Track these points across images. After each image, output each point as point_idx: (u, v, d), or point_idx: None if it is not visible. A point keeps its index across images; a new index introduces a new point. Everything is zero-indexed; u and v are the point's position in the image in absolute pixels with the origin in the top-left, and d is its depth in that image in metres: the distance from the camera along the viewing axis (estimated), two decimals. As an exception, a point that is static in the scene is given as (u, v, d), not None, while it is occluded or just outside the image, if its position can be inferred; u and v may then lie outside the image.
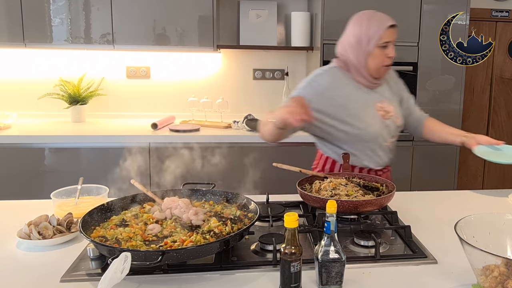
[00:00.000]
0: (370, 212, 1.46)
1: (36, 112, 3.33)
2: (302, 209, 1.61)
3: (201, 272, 1.16)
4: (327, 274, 1.07)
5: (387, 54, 1.73)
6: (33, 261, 1.24)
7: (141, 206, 1.41)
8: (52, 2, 2.94)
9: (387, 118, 1.80)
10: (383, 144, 1.81)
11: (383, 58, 1.74)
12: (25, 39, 2.96)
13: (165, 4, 3.03)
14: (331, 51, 3.01)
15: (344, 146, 1.78)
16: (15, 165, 2.84)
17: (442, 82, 3.14)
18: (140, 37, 3.05)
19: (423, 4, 3.02)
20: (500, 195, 1.81)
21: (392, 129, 1.83)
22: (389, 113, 1.80)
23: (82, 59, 3.34)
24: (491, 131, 3.95)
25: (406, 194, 1.83)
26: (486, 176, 4.02)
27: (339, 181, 1.59)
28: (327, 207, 1.06)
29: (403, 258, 1.25)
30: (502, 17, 3.72)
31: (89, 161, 2.87)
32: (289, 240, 1.04)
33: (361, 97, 1.77)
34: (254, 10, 3.32)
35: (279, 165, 1.70)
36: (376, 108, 1.78)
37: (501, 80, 3.88)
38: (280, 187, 1.80)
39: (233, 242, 1.21)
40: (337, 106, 1.72)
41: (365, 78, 1.77)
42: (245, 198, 1.43)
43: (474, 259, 1.02)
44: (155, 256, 1.06)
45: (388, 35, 1.73)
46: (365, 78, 1.77)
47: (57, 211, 1.49)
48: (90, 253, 1.20)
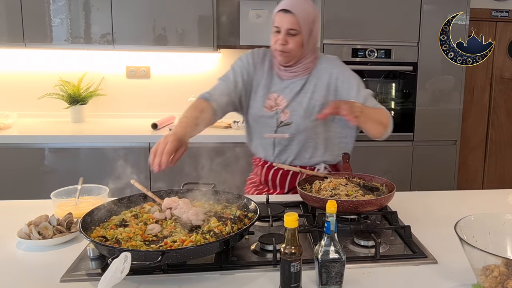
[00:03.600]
0: (370, 212, 1.46)
1: (36, 112, 3.33)
2: (302, 209, 1.61)
3: (201, 272, 1.16)
4: (327, 274, 1.07)
5: (278, 39, 1.66)
6: (33, 261, 1.24)
7: (141, 206, 1.41)
8: (52, 2, 2.94)
9: (271, 110, 1.76)
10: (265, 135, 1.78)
11: (274, 41, 1.68)
12: (25, 39, 2.96)
13: (165, 4, 3.03)
14: (331, 51, 3.02)
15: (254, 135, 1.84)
16: (15, 165, 2.84)
17: (442, 82, 3.14)
18: (140, 37, 3.05)
19: (423, 4, 3.02)
20: (500, 195, 1.81)
21: (274, 122, 1.76)
22: (276, 106, 1.75)
23: (82, 59, 3.34)
24: (491, 131, 3.95)
25: (406, 194, 1.83)
26: (486, 176, 4.02)
27: (339, 181, 1.58)
28: (327, 207, 1.06)
29: (403, 258, 1.25)
30: (502, 17, 3.72)
31: (89, 161, 2.87)
32: (289, 240, 1.04)
33: (266, 81, 1.77)
34: (254, 10, 3.32)
35: (279, 165, 1.70)
36: (269, 97, 1.77)
37: (501, 80, 3.88)
38: (280, 187, 1.79)
39: (233, 242, 1.21)
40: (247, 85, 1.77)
41: (275, 61, 1.76)
42: (245, 198, 1.43)
43: (474, 259, 1.02)
44: (155, 256, 1.05)
45: (278, 20, 1.65)
46: (275, 59, 1.74)
47: (57, 211, 1.49)
48: (90, 253, 1.20)
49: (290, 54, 1.68)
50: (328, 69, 1.76)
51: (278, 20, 1.65)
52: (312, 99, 1.74)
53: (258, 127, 1.82)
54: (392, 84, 3.18)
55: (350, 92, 1.72)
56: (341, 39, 3.00)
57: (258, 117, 1.78)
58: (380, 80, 3.15)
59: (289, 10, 1.63)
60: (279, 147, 1.78)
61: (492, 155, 3.99)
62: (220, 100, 1.71)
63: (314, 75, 1.76)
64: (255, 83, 1.78)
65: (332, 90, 1.74)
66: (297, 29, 1.64)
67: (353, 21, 3.00)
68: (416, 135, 3.17)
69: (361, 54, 3.04)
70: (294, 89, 1.75)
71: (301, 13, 1.64)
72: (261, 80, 1.78)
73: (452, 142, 3.22)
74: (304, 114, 1.74)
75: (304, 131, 1.75)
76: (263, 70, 1.79)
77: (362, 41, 3.03)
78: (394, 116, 3.19)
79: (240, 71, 1.78)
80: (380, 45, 3.04)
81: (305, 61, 1.74)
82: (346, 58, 3.02)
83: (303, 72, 1.75)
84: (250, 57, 1.80)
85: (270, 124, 1.77)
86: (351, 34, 3.01)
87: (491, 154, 3.99)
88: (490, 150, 3.98)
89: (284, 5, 1.65)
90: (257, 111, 1.78)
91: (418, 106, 3.14)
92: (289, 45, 1.65)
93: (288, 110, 1.75)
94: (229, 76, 1.78)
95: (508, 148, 4.00)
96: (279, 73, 1.77)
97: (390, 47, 3.05)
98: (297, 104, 1.75)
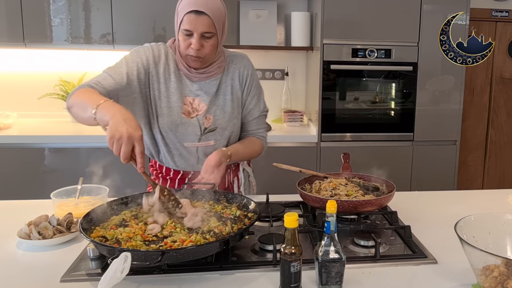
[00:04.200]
0: (370, 212, 1.46)
1: (36, 112, 3.33)
2: (302, 209, 1.61)
3: (201, 272, 1.16)
4: (327, 274, 1.07)
5: (190, 43, 1.49)
6: (33, 261, 1.24)
7: (141, 206, 1.41)
8: (52, 2, 2.94)
9: (190, 116, 1.60)
10: (185, 144, 1.63)
11: (186, 45, 1.50)
12: (25, 39, 2.96)
13: (165, 4, 3.03)
14: (331, 51, 3.02)
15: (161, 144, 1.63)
16: (15, 165, 2.84)
17: (442, 82, 3.14)
18: (140, 37, 3.05)
19: (423, 4, 3.02)
20: (500, 195, 1.81)
21: (197, 130, 1.62)
22: (196, 112, 1.60)
23: (82, 59, 3.34)
24: (491, 131, 3.95)
25: (406, 194, 1.83)
26: (486, 176, 4.02)
27: (339, 181, 1.59)
28: (327, 207, 1.06)
29: (403, 258, 1.25)
30: (502, 17, 3.72)
31: (89, 161, 2.86)
32: (289, 240, 1.04)
33: (176, 84, 1.59)
34: (254, 10, 3.32)
35: (279, 165, 1.70)
36: (184, 102, 1.60)
37: (501, 80, 3.88)
38: (280, 187, 1.80)
39: (233, 242, 1.21)
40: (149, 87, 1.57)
41: (181, 63, 1.58)
42: (245, 198, 1.43)
43: (474, 259, 1.02)
44: (155, 256, 1.05)
45: (189, 23, 1.46)
46: (181, 63, 1.58)
47: (57, 211, 1.49)
48: (90, 253, 1.20)
49: (204, 59, 1.53)
50: (240, 69, 1.68)
51: (189, 22, 1.46)
52: (232, 101, 1.65)
53: (174, 136, 1.61)
54: (392, 84, 3.18)
55: (249, 105, 1.71)
56: (341, 39, 3.00)
57: (176, 126, 1.59)
58: (380, 80, 3.15)
59: (202, 11, 1.45)
60: (202, 154, 1.64)
61: (492, 155, 3.99)
62: (110, 92, 1.45)
63: (227, 75, 1.65)
64: (161, 87, 1.57)
65: (242, 92, 1.68)
66: (213, 32, 1.49)
67: (353, 21, 3.00)
68: (416, 135, 3.17)
69: (361, 54, 3.04)
70: (210, 91, 1.62)
71: (215, 12, 1.48)
72: (169, 83, 1.58)
73: (452, 142, 3.22)
74: (229, 118, 1.65)
75: (229, 135, 1.67)
76: (168, 71, 1.58)
77: (362, 41, 3.03)
78: (394, 116, 3.19)
79: (136, 68, 1.54)
80: (380, 45, 3.04)
81: (218, 60, 1.62)
82: (346, 58, 3.03)
83: (216, 72, 1.62)
84: (150, 54, 1.57)
85: (191, 132, 1.61)
86: (351, 34, 3.01)
87: (491, 154, 3.99)
88: (490, 150, 3.98)
89: (194, 5, 1.45)
90: (174, 118, 1.58)
91: (418, 106, 3.14)
92: (205, 49, 1.50)
93: (211, 115, 1.62)
94: (121, 70, 1.52)
95: (508, 148, 4.00)
96: (188, 74, 1.60)
97: (390, 47, 3.05)
98: (219, 108, 1.63)
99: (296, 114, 3.33)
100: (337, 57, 3.02)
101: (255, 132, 1.76)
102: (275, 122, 3.46)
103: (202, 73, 1.60)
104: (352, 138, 3.14)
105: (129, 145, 1.20)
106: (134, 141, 1.20)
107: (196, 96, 1.61)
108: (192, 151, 1.64)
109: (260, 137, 1.76)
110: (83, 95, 1.37)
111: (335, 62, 3.02)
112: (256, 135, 1.76)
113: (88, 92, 1.38)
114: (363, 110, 3.18)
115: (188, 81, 1.60)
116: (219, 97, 1.64)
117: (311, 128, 3.28)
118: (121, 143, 1.20)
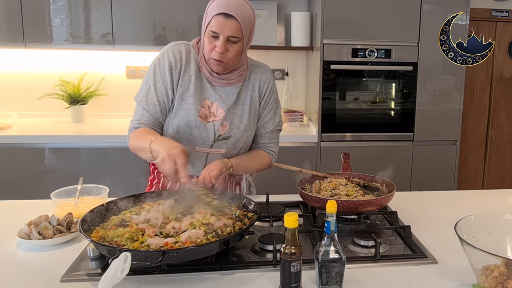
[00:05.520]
0: (370, 212, 1.46)
1: (36, 112, 3.33)
2: (302, 209, 1.61)
3: (201, 272, 1.16)
4: (327, 274, 1.07)
5: (214, 46, 1.47)
6: (33, 261, 1.24)
7: (141, 206, 1.41)
8: (52, 2, 2.94)
9: (207, 120, 1.57)
10: (196, 148, 1.60)
11: (211, 48, 1.48)
12: (25, 39, 2.96)
13: (165, 4, 3.03)
14: (331, 51, 3.02)
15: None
16: (15, 165, 2.84)
17: (442, 82, 3.14)
18: (140, 37, 3.05)
19: (423, 4, 3.02)
20: (500, 195, 1.81)
21: (211, 135, 1.58)
22: (213, 117, 1.57)
23: (82, 59, 3.34)
24: (491, 131, 3.95)
25: (406, 194, 1.83)
26: (486, 176, 4.02)
27: (339, 181, 1.59)
28: (327, 207, 1.06)
29: (403, 258, 1.25)
30: (502, 17, 3.72)
31: (89, 161, 2.87)
32: (289, 240, 1.04)
33: (196, 86, 1.56)
34: (254, 10, 3.31)
35: (279, 165, 1.70)
36: (202, 105, 1.57)
37: (501, 80, 3.88)
38: (280, 187, 1.80)
39: (233, 242, 1.21)
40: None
41: (204, 66, 1.56)
42: (245, 198, 1.43)
43: (474, 259, 1.02)
44: (155, 256, 1.06)
45: (216, 25, 1.44)
46: (204, 65, 1.56)
47: (57, 211, 1.49)
48: (90, 253, 1.20)
49: (227, 64, 1.51)
50: (261, 81, 1.65)
51: (216, 25, 1.44)
52: (249, 112, 1.63)
53: (186, 139, 1.57)
54: (392, 84, 3.18)
55: (265, 117, 1.68)
56: (341, 39, 3.00)
57: (190, 128, 1.56)
58: (380, 80, 3.15)
59: (231, 15, 1.44)
60: (211, 161, 1.60)
61: (492, 155, 3.99)
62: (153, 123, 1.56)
63: (248, 85, 1.63)
64: (181, 89, 1.56)
65: (259, 104, 1.66)
66: (239, 37, 1.47)
67: (353, 21, 3.00)
68: (416, 135, 3.17)
69: (361, 54, 3.04)
70: (230, 99, 1.59)
71: (244, 18, 1.47)
72: (189, 85, 1.56)
73: (452, 142, 3.22)
74: (244, 128, 1.62)
75: (241, 146, 1.65)
76: (189, 73, 1.56)
77: (362, 41, 3.03)
78: (394, 116, 3.19)
79: (164, 89, 1.55)
80: (380, 45, 3.04)
81: (240, 68, 1.60)
82: (346, 58, 3.03)
83: (237, 80, 1.60)
84: (171, 61, 1.55)
85: (205, 137, 1.58)
86: (351, 34, 3.01)
87: (491, 154, 3.99)
88: (490, 150, 3.98)
89: (224, 8, 1.44)
90: (188, 120, 1.55)
91: (418, 106, 3.14)
92: (228, 54, 1.48)
93: (227, 123, 1.59)
94: (152, 99, 1.55)
95: (508, 148, 4.00)
96: (210, 78, 1.57)
97: (390, 47, 3.05)
98: (236, 117, 1.61)
99: (296, 114, 3.33)
100: (337, 57, 3.02)
101: (266, 146, 1.72)
102: (275, 122, 3.45)
103: (224, 79, 1.57)
104: (352, 138, 3.14)
105: (171, 162, 1.29)
106: (175, 157, 1.30)
107: (215, 100, 1.58)
108: (202, 156, 1.62)
109: (270, 152, 1.72)
110: (137, 138, 1.50)
111: (335, 62, 3.02)
112: (267, 149, 1.72)
113: (140, 134, 1.51)
114: (363, 110, 3.18)
115: (208, 85, 1.58)
116: (237, 106, 1.61)
117: (311, 128, 3.28)
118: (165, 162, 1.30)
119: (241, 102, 1.62)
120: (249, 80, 1.64)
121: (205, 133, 1.58)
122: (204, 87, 1.58)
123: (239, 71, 1.59)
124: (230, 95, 1.60)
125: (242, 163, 1.63)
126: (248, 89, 1.63)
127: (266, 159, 1.70)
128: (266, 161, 1.71)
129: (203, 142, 1.59)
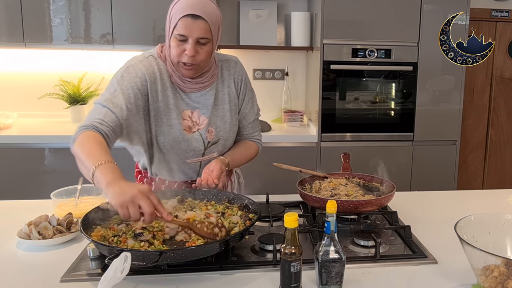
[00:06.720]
0: (370, 212, 1.46)
1: (36, 112, 3.33)
2: (302, 209, 1.61)
3: (201, 272, 1.16)
4: (327, 274, 1.07)
5: (183, 50, 1.41)
6: (33, 261, 1.24)
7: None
8: (52, 2, 2.94)
9: (192, 131, 1.53)
10: (187, 161, 1.57)
11: (179, 52, 1.42)
12: (25, 39, 2.96)
13: (165, 4, 3.00)
14: (331, 51, 3.02)
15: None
16: (15, 165, 2.84)
17: (442, 82, 3.14)
18: (140, 37, 3.05)
19: (423, 4, 3.02)
20: (500, 195, 1.81)
21: (200, 144, 1.55)
22: (197, 126, 1.54)
23: (82, 59, 3.34)
24: (491, 131, 3.95)
25: (406, 194, 1.83)
26: (486, 176, 4.02)
27: (339, 181, 1.59)
28: (327, 207, 1.06)
29: (403, 258, 1.25)
30: (502, 17, 3.72)
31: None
32: (289, 240, 1.04)
33: (173, 99, 1.50)
34: (254, 10, 3.32)
35: (279, 165, 1.70)
36: (183, 117, 1.52)
37: (501, 80, 3.88)
38: (280, 187, 1.80)
39: (233, 242, 1.21)
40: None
41: (174, 73, 1.49)
42: (246, 198, 1.43)
43: (474, 259, 1.02)
44: (154, 257, 1.05)
45: (184, 27, 1.38)
46: (174, 73, 1.49)
47: (57, 211, 1.49)
48: (90, 253, 1.20)
49: (198, 66, 1.45)
50: (235, 76, 1.63)
51: (184, 27, 1.38)
52: (230, 110, 1.61)
53: (175, 154, 1.54)
54: (392, 84, 3.18)
55: (245, 109, 1.67)
56: (341, 39, 3.00)
57: (178, 143, 1.52)
58: (380, 80, 3.15)
59: (199, 15, 1.38)
60: (204, 168, 1.57)
61: (492, 155, 3.99)
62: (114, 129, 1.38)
63: (222, 82, 1.60)
64: (159, 105, 1.48)
65: (237, 97, 1.64)
66: (208, 37, 1.41)
67: (353, 21, 3.00)
68: (416, 135, 3.17)
69: (361, 54, 3.04)
70: (208, 103, 1.55)
71: (212, 17, 1.41)
72: (167, 100, 1.49)
73: (452, 142, 3.22)
74: (229, 127, 1.61)
75: (229, 145, 1.65)
76: (164, 86, 1.48)
77: (362, 41, 3.03)
78: (394, 116, 3.19)
79: (133, 95, 1.42)
80: (380, 45, 3.04)
81: (211, 69, 1.55)
82: (346, 58, 3.03)
83: (210, 81, 1.55)
84: (144, 73, 1.46)
85: (195, 147, 1.55)
86: (351, 34, 3.01)
87: (491, 154, 3.99)
88: (490, 150, 3.98)
89: (190, 9, 1.38)
90: (175, 136, 1.50)
91: (418, 106, 3.14)
92: (199, 56, 1.42)
93: (213, 128, 1.56)
94: (118, 102, 1.39)
95: (508, 148, 4.00)
96: (182, 86, 1.51)
97: (390, 47, 3.05)
98: (219, 119, 1.58)
99: (296, 114, 3.33)
100: (337, 57, 3.02)
101: (250, 136, 1.72)
102: (275, 122, 3.45)
103: (197, 83, 1.52)
104: (352, 138, 3.14)
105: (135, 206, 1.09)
106: (139, 200, 1.09)
107: (194, 108, 1.54)
108: (195, 166, 1.60)
109: (255, 141, 1.73)
110: (85, 147, 1.29)
111: (335, 62, 3.02)
112: (252, 138, 1.72)
113: (90, 144, 1.29)
114: (363, 110, 3.18)
115: (183, 95, 1.52)
116: (218, 108, 1.58)
117: (311, 128, 3.28)
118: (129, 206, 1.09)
119: (220, 103, 1.59)
120: (223, 78, 1.60)
121: (194, 143, 1.54)
122: (180, 98, 1.52)
123: (210, 72, 1.55)
124: (207, 99, 1.55)
125: (236, 157, 1.65)
126: (224, 87, 1.60)
127: (254, 148, 1.73)
128: (255, 151, 1.74)
129: (194, 153, 1.56)
